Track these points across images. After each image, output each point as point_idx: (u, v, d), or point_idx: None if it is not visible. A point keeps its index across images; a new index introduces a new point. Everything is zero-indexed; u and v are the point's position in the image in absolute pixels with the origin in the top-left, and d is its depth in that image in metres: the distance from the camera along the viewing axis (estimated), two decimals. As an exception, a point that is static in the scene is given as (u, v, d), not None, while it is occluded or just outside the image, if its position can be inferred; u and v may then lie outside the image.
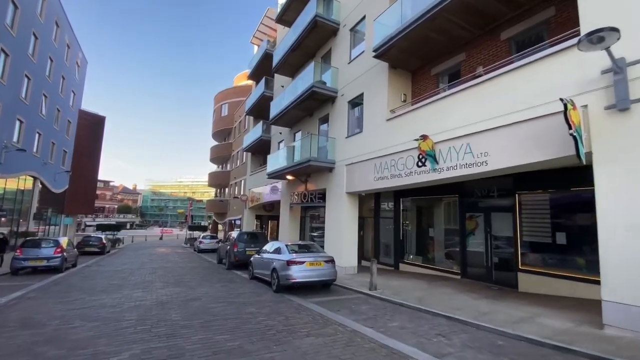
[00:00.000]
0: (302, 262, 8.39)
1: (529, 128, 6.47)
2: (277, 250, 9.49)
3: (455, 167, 7.96)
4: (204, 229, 40.46)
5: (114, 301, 7.50)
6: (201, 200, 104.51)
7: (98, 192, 77.43)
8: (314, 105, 14.67)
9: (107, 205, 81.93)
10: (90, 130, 35.28)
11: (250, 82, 36.49)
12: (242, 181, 28.04)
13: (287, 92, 16.08)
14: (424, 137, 8.78)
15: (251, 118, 26.28)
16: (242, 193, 25.89)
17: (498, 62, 7.96)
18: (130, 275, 11.96)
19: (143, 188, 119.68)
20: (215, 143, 36.76)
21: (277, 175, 16.09)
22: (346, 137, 12.63)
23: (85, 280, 10.82)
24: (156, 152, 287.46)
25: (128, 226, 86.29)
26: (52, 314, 6.37)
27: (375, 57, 10.24)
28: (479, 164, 7.39)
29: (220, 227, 38.69)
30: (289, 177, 15.22)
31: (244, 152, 27.58)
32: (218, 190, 38.48)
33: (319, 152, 13.21)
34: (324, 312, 6.56)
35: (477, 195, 10.46)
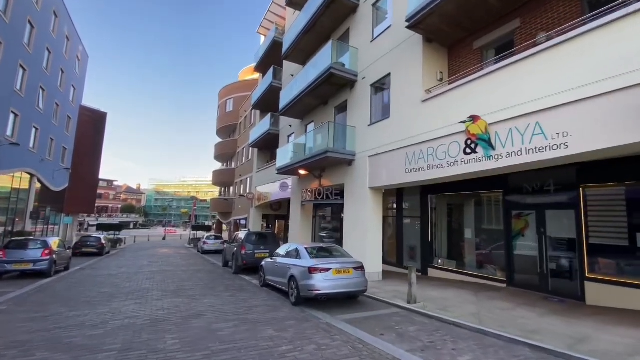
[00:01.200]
0: (327, 270, 6.90)
1: (631, 97, 4.93)
2: (295, 254, 8.01)
3: (518, 153, 6.43)
4: (207, 229, 39.15)
5: (97, 318, 6.06)
6: (205, 200, 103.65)
7: (101, 191, 76.73)
8: (329, 92, 13.18)
9: (110, 205, 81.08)
10: (92, 126, 34.09)
11: (256, 76, 35.14)
12: (248, 179, 26.65)
13: (298, 79, 14.61)
14: (474, 119, 7.26)
15: (257, 112, 24.87)
16: (248, 191, 24.50)
17: (569, 24, 6.42)
18: (126, 282, 10.56)
19: (147, 188, 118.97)
20: (220, 140, 35.42)
21: (288, 170, 14.62)
22: (369, 125, 11.13)
23: (72, 288, 9.42)
24: (160, 152, 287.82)
25: (131, 226, 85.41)
26: (13, 337, 4.94)
27: (408, 27, 8.73)
28: (554, 147, 5.85)
29: (224, 227, 37.35)
30: (302, 172, 13.74)
31: (250, 148, 26.18)
32: (222, 189, 37.15)
33: (336, 143, 11.71)
34: (364, 336, 5.06)
35: (527, 190, 8.92)
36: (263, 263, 9.88)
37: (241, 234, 13.46)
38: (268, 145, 22.78)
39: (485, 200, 10.37)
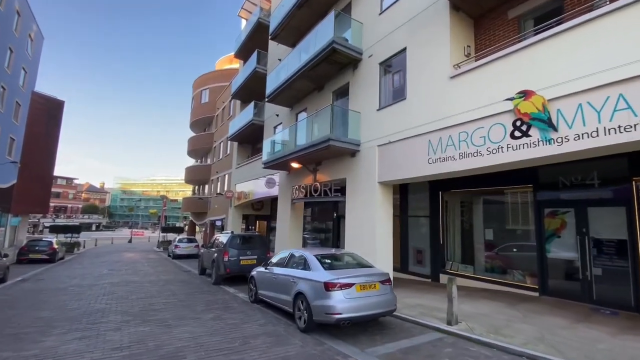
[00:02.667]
0: (350, 285, 5.24)
1: None
2: (301, 264, 6.26)
3: (593, 134, 5.09)
4: (179, 230, 36.20)
5: (17, 368, 4.03)
6: (176, 200, 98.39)
7: (59, 190, 70.21)
8: (328, 73, 11.53)
9: (70, 205, 74.54)
10: (46, 116, 30.26)
11: (235, 65, 32.89)
12: (226, 176, 24.41)
13: (289, 60, 12.84)
14: (526, 95, 5.89)
15: (237, 103, 22.75)
16: (226, 189, 22.30)
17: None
18: (75, 299, 8.32)
19: (112, 186, 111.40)
20: (194, 134, 32.70)
21: (277, 164, 12.82)
22: (378, 110, 9.60)
23: (-1, 311, 7.13)
24: (128, 150, 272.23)
25: (94, 227, 79.26)
26: None
27: (435, -12, 7.27)
28: (652, 125, 4.56)
29: (198, 228, 34.64)
30: (294, 165, 11.98)
31: (229, 142, 23.98)
32: (196, 188, 34.43)
33: (335, 131, 10.04)
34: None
35: (564, 184, 7.75)
36: (254, 273, 8.03)
37: (222, 237, 11.48)
38: (250, 139, 20.77)
39: (510, 196, 9.14)
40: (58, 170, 72.36)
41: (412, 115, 8.40)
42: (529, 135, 5.88)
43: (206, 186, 30.73)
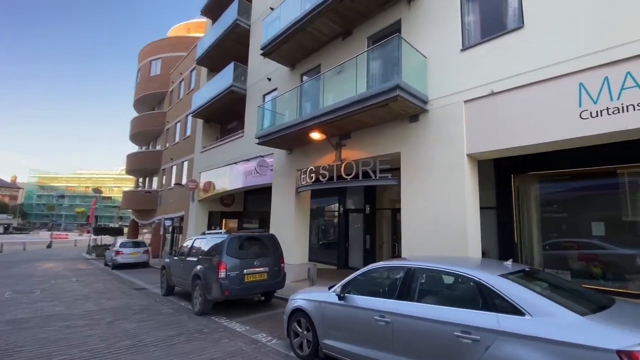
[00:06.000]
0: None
1: None
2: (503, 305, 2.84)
3: None
4: (117, 232, 29.71)
5: None
6: (109, 198, 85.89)
7: (-50, 184, 55.86)
8: (365, 7, 8.25)
9: (-35, 203, 60.16)
10: None
11: (197, 34, 27.90)
12: (185, 163, 19.68)
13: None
14: None
15: (203, 72, 18.26)
16: (190, 178, 17.65)
17: None
18: None
19: (27, 181, 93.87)
20: (139, 114, 26.72)
21: (280, 138, 9.23)
22: (462, 50, 6.59)
23: None
24: (51, 141, 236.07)
25: (1, 230, 65.21)
26: None
27: None
28: None
29: (143, 229, 28.71)
30: (315, 135, 8.44)
31: (189, 121, 19.32)
32: (141, 180, 28.48)
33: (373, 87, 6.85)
34: None
35: None
36: (307, 306, 4.36)
37: (208, 241, 7.51)
38: (220, 115, 16.52)
39: (628, 179, 6.78)
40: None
41: (538, 50, 5.54)
42: None
43: (155, 178, 25.23)
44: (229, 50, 15.07)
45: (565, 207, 7.45)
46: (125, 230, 31.10)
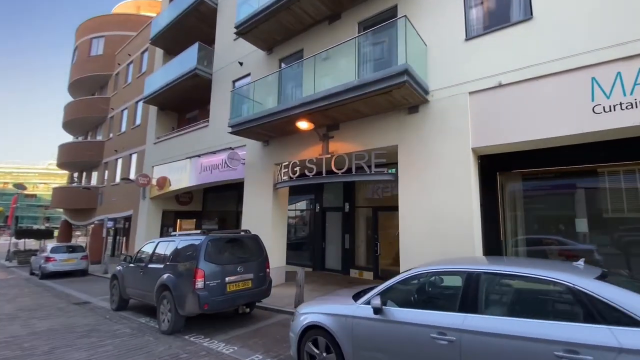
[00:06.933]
0: None
1: None
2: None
3: None
4: (45, 235, 25.68)
5: None
6: (34, 195, 75.04)
7: None
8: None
9: None
10: None
11: (148, 14, 25.24)
12: (134, 155, 17.46)
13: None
14: None
15: (158, 54, 16.30)
16: (139, 173, 15.55)
17: None
18: None
19: None
20: (75, 99, 23.21)
21: (257, 127, 8.27)
22: (466, 40, 6.27)
23: None
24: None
25: None
26: None
27: None
28: None
29: (76, 232, 25.18)
30: (303, 125, 7.61)
31: (140, 108, 17.17)
32: (77, 174, 24.92)
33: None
34: None
35: None
36: (336, 314, 3.43)
37: (179, 244, 6.29)
38: (180, 102, 14.83)
39: (608, 177, 7.05)
40: None
41: (548, 42, 5.38)
42: None
43: (94, 173, 22.17)
44: (191, 30, 13.54)
45: (548, 204, 7.57)
46: (56, 232, 27.05)
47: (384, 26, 6.59)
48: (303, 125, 7.55)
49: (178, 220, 18.10)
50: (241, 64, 11.04)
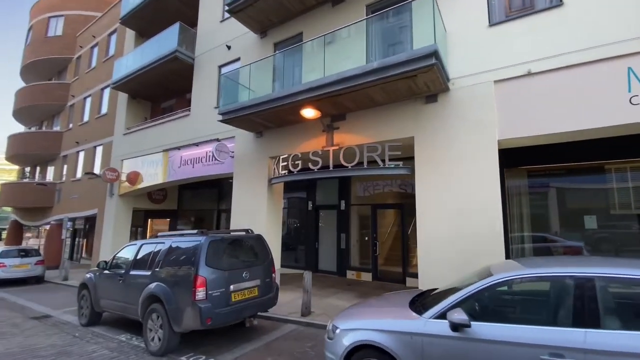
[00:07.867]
0: None
1: None
2: None
3: None
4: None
5: None
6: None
7: None
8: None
9: None
10: None
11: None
12: (99, 148, 15.74)
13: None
14: None
15: (130, 35, 14.75)
16: (106, 167, 13.93)
17: None
18: None
19: None
20: (27, 84, 20.68)
21: (260, 113, 7.43)
22: (490, 26, 5.89)
23: None
24: None
25: None
26: None
27: None
28: None
29: (27, 233, 22.54)
30: (309, 113, 6.89)
31: (107, 95, 15.49)
32: (30, 169, 22.30)
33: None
34: None
35: None
36: (396, 331, 2.77)
37: (170, 247, 5.34)
38: (155, 89, 13.50)
39: (615, 174, 7.02)
40: None
41: (580, 30, 5.10)
42: None
43: (51, 167, 19.88)
44: (169, 9, 12.30)
45: (553, 201, 7.44)
46: (4, 234, 24.13)
47: (406, 5, 6.02)
48: (309, 113, 6.85)
49: (149, 220, 16.65)
50: (229, 47, 10.08)
